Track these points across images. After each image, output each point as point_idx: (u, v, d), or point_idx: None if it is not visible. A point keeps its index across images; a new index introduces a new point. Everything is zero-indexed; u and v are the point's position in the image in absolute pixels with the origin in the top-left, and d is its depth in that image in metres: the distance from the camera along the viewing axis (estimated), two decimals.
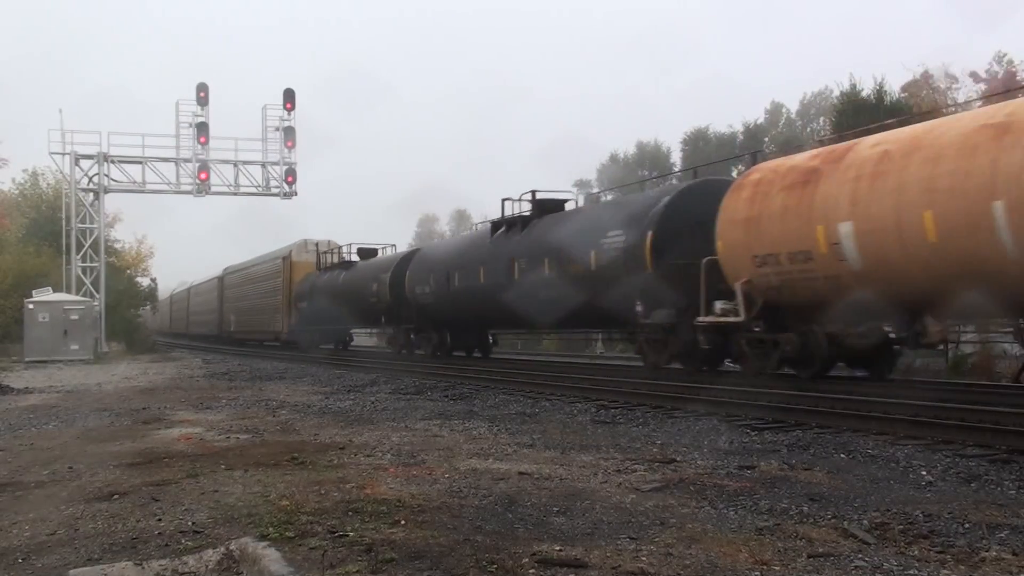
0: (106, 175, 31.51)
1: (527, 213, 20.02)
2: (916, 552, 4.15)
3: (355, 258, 31.87)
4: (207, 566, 4.03)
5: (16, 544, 4.65)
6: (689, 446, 7.75)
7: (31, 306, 27.45)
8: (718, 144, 44.38)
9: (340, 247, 33.52)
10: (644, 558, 4.08)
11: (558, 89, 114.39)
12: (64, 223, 31.64)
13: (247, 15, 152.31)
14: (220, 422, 10.09)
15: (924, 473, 6.25)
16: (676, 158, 46.55)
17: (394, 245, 32.43)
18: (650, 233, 14.74)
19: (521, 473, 6.36)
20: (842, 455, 7.13)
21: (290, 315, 35.46)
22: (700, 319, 13.48)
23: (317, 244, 35.12)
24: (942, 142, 9.75)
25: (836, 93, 33.80)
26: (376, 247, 32.26)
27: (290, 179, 32.44)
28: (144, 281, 46.72)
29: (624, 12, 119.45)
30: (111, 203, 37.18)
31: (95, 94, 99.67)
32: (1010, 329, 11.51)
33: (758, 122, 47.27)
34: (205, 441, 8.43)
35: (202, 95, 31.10)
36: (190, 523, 4.93)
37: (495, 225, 21.18)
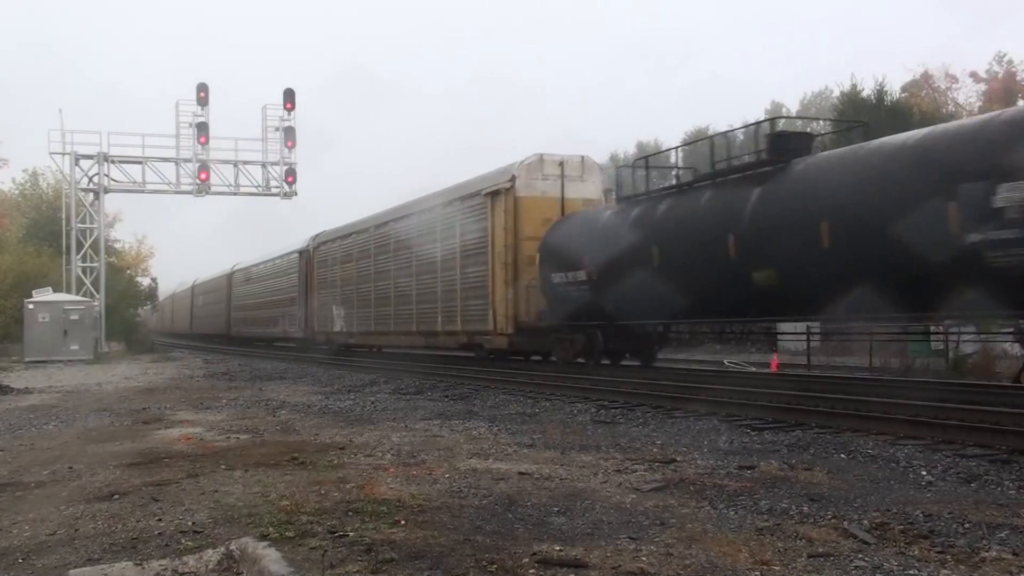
0: (106, 175, 31.49)
1: None
2: (916, 552, 4.15)
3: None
4: (207, 566, 4.03)
5: (16, 544, 4.65)
6: (689, 446, 7.75)
7: (31, 306, 27.45)
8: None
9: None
10: (644, 558, 4.08)
11: (558, 89, 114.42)
12: (64, 223, 31.62)
13: (247, 15, 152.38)
14: (220, 422, 10.09)
15: (924, 473, 6.25)
16: (676, 158, 46.50)
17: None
18: None
19: (521, 473, 6.36)
20: (842, 455, 7.13)
21: (515, 300, 18.25)
22: None
23: (563, 162, 18.74)
24: None
25: (836, 93, 33.87)
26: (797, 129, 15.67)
27: (290, 179, 32.39)
28: (144, 281, 46.77)
29: (625, 12, 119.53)
30: (111, 203, 37.21)
31: (95, 94, 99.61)
32: (1010, 329, 11.49)
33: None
34: (205, 441, 8.43)
35: (202, 95, 31.07)
36: (190, 523, 4.93)
37: None
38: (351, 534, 4.50)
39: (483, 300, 18.98)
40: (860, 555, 4.09)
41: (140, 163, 31.72)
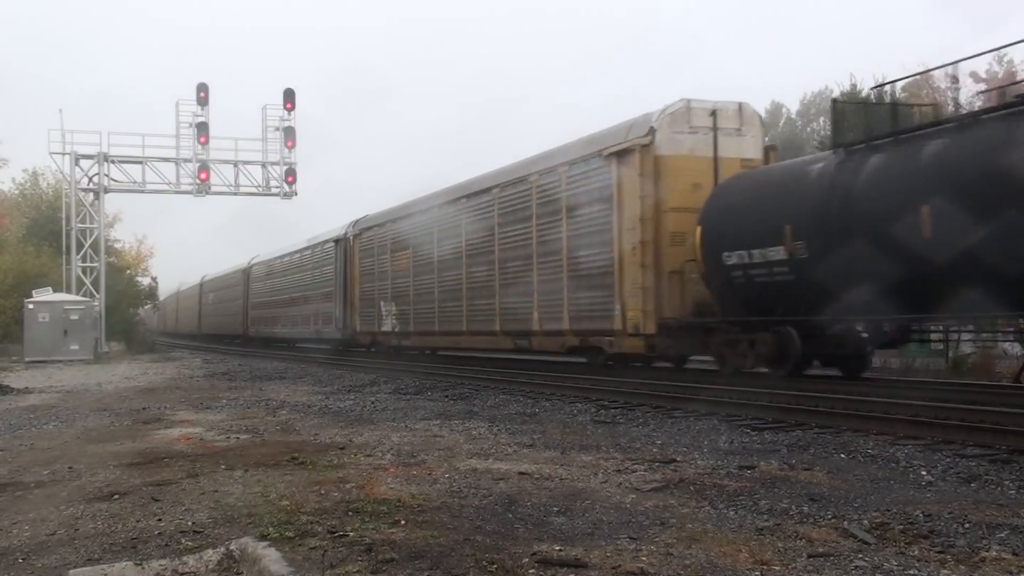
0: (106, 175, 31.49)
1: None
2: (916, 552, 4.15)
3: None
4: (207, 566, 4.03)
5: (16, 544, 4.66)
6: (689, 446, 7.75)
7: (31, 306, 27.46)
8: None
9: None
10: (644, 558, 4.08)
11: (559, 89, 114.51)
12: (64, 223, 31.61)
13: (248, 15, 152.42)
14: (220, 422, 10.09)
15: (924, 473, 6.25)
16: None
17: None
18: None
19: (521, 473, 6.36)
20: (842, 455, 7.13)
21: (655, 290, 13.87)
22: None
23: (716, 112, 14.39)
24: None
25: (836, 93, 33.87)
26: None
27: (290, 179, 32.37)
28: (144, 281, 46.75)
29: (625, 13, 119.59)
30: (111, 203, 37.17)
31: (95, 94, 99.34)
32: (1010, 329, 11.49)
33: None
34: (205, 441, 8.43)
35: (202, 95, 31.07)
36: (190, 523, 4.93)
37: None
38: (351, 534, 4.50)
39: (605, 291, 14.71)
40: (860, 555, 4.09)
41: (140, 163, 31.71)
